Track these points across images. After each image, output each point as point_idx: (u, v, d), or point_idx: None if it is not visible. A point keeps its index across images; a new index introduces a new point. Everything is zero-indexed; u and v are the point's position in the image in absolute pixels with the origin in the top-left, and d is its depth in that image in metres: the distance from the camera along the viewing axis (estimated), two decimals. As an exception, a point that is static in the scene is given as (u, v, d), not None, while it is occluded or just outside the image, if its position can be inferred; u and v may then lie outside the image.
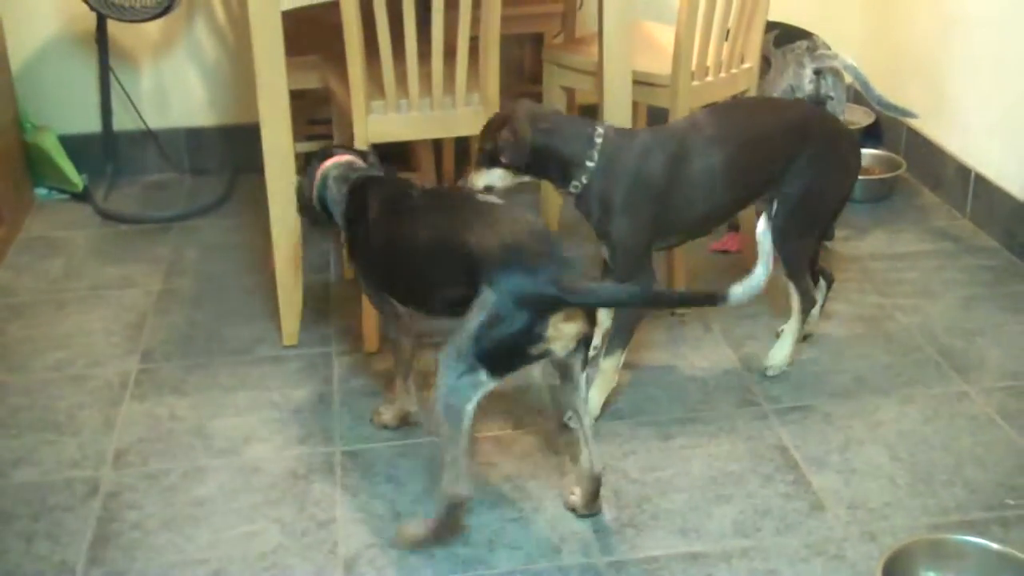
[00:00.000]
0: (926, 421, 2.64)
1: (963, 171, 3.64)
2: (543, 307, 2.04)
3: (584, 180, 2.54)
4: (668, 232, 2.65)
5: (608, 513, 2.35)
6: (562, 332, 2.07)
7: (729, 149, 2.59)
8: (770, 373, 2.80)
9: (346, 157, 2.50)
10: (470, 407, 2.11)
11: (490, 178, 2.55)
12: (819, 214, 2.76)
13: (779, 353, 2.82)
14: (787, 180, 2.66)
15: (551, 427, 2.61)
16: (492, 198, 2.32)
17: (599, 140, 2.54)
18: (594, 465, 2.27)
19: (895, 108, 3.39)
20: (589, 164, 2.53)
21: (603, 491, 2.35)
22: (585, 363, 2.19)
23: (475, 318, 2.06)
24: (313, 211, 2.50)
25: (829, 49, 3.33)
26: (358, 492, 2.43)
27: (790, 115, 2.73)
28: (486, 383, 2.09)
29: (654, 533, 2.30)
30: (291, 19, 2.75)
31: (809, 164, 2.65)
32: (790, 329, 2.83)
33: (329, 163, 2.48)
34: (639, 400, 2.72)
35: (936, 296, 3.19)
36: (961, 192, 3.66)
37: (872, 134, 4.09)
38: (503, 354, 2.07)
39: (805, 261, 2.79)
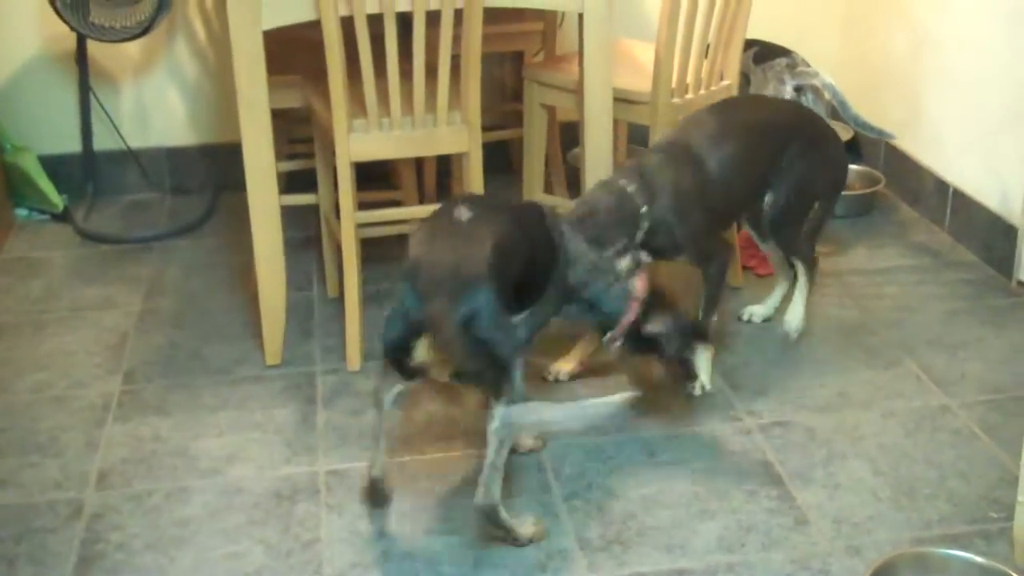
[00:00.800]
0: (908, 435, 2.65)
1: (941, 186, 3.67)
2: (415, 325, 2.19)
3: (646, 224, 2.62)
4: (721, 216, 2.82)
5: (594, 530, 2.35)
6: (427, 353, 2.20)
7: (737, 140, 2.74)
8: (793, 336, 2.98)
9: None
10: (386, 397, 2.32)
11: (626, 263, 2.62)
12: (805, 203, 2.91)
13: (794, 316, 2.99)
14: (777, 175, 2.81)
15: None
16: (469, 214, 2.30)
17: (631, 188, 2.60)
18: (476, 498, 2.22)
19: (872, 128, 3.41)
20: (643, 210, 2.60)
21: (588, 508, 2.36)
22: (491, 396, 2.19)
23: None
24: None
25: (809, 66, 3.35)
26: (343, 512, 2.43)
27: (782, 110, 2.95)
28: (391, 378, 2.30)
29: (640, 549, 2.30)
30: (272, 38, 2.76)
31: (797, 157, 2.80)
32: (800, 293, 2.99)
33: None
34: (623, 416, 2.72)
35: (916, 310, 3.20)
36: (940, 207, 3.68)
37: (851, 150, 4.11)
38: (389, 351, 2.26)
39: (799, 239, 2.94)
